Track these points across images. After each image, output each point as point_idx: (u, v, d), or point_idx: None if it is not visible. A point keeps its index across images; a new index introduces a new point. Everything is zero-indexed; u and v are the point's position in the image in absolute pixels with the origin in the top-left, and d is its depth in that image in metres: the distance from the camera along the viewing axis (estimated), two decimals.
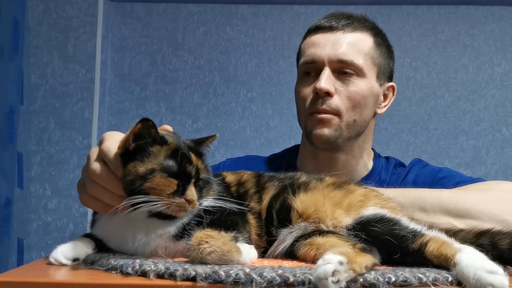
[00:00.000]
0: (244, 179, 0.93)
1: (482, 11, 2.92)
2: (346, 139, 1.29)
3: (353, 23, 1.31)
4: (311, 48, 1.30)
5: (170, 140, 0.79)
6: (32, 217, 2.73)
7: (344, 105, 1.26)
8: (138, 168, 0.74)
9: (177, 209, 0.75)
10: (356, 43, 1.29)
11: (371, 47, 1.31)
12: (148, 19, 2.98)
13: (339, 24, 1.30)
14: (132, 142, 0.76)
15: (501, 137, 2.87)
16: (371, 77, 1.30)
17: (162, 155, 0.76)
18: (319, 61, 1.27)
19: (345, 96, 1.26)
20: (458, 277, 0.67)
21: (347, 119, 1.27)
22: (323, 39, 1.29)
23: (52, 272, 0.72)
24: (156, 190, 0.73)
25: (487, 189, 1.08)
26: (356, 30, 1.30)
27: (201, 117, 2.92)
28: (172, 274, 0.64)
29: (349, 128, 1.28)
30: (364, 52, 1.29)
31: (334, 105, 1.25)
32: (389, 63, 1.37)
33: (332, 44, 1.28)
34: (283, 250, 0.82)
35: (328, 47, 1.27)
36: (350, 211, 0.82)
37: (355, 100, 1.27)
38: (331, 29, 1.30)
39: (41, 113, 2.79)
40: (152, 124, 0.75)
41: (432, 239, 0.74)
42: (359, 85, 1.27)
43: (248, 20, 2.97)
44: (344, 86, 1.26)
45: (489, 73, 2.90)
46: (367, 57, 1.29)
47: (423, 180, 1.29)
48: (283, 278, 0.61)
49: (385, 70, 1.35)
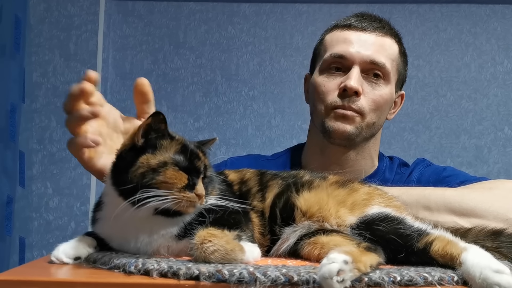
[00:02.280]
0: (247, 177, 0.93)
1: (484, 10, 2.91)
2: (363, 139, 1.30)
3: (384, 28, 1.31)
4: (341, 44, 1.29)
5: (178, 136, 0.79)
6: (34, 215, 2.73)
7: (369, 106, 1.26)
8: (150, 161, 0.74)
9: (187, 204, 0.74)
10: (387, 48, 1.29)
11: (397, 54, 1.32)
12: (149, 18, 2.97)
13: (372, 26, 1.30)
14: (142, 136, 0.76)
15: (503, 136, 2.86)
16: (393, 84, 1.31)
17: (173, 150, 0.76)
18: (350, 58, 1.26)
19: (370, 98, 1.26)
20: (464, 276, 0.66)
21: (368, 120, 1.27)
22: (355, 37, 1.28)
23: (54, 271, 0.72)
24: (167, 184, 0.73)
25: (492, 188, 1.07)
26: (387, 35, 1.31)
27: (202, 115, 2.92)
28: (175, 273, 0.63)
29: (368, 129, 1.28)
30: (392, 58, 1.30)
31: (360, 105, 1.25)
32: (406, 72, 1.40)
33: (366, 44, 1.27)
34: (287, 249, 0.82)
35: (360, 46, 1.27)
36: (354, 210, 0.81)
37: (378, 104, 1.27)
38: (363, 29, 1.29)
39: (42, 112, 2.79)
40: (163, 118, 0.75)
41: (437, 238, 0.73)
42: (384, 90, 1.28)
43: (249, 19, 2.96)
44: (371, 89, 1.27)
45: (492, 72, 2.89)
46: (394, 63, 1.30)
47: (427, 179, 1.29)
48: (287, 277, 0.61)
49: (403, 78, 1.38)
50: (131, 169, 0.74)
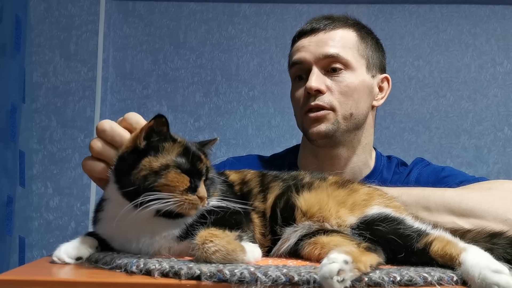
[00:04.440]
0: (248, 178, 0.93)
1: (484, 10, 2.91)
2: (345, 132, 1.30)
3: (333, 22, 1.34)
4: (296, 53, 1.33)
5: (180, 139, 0.79)
6: (34, 215, 2.73)
7: (337, 99, 1.28)
8: (152, 163, 0.74)
9: (189, 207, 0.74)
10: (339, 39, 1.31)
11: (356, 41, 1.33)
12: (150, 18, 2.97)
13: (320, 25, 1.33)
14: (144, 139, 0.76)
15: (503, 136, 2.86)
16: (360, 70, 1.31)
17: (175, 152, 0.77)
18: (306, 61, 1.30)
19: (337, 91, 1.28)
20: (463, 276, 0.67)
21: (342, 113, 1.28)
22: (307, 42, 1.32)
23: (55, 271, 0.72)
24: (169, 186, 0.73)
25: (491, 188, 1.08)
26: (337, 28, 1.33)
27: (202, 115, 2.92)
28: (177, 273, 0.64)
29: (346, 121, 1.29)
30: (349, 46, 1.31)
31: (327, 100, 1.27)
32: (378, 55, 1.38)
33: (316, 43, 1.30)
34: (287, 249, 0.82)
35: (312, 47, 1.30)
36: (354, 210, 0.82)
37: (346, 93, 1.28)
38: (313, 31, 1.33)
39: (43, 112, 2.79)
40: (165, 121, 0.76)
41: (437, 238, 0.74)
42: (349, 79, 1.29)
43: (250, 19, 2.96)
44: (335, 82, 1.28)
45: (491, 72, 2.90)
46: (353, 50, 1.31)
47: (425, 179, 1.29)
48: (288, 277, 0.61)
49: (375, 62, 1.36)
50: (133, 171, 0.74)
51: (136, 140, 0.77)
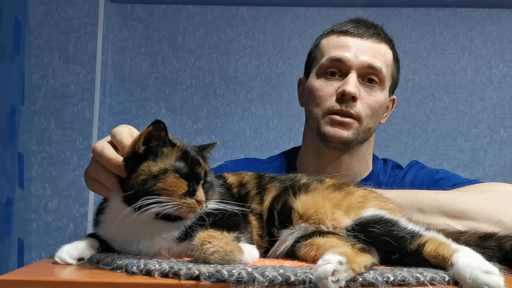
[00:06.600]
0: (246, 180, 0.95)
1: (480, 14, 2.94)
2: (359, 143, 1.32)
3: (380, 34, 1.33)
4: (338, 49, 1.30)
5: (179, 143, 0.81)
6: (33, 217, 2.74)
7: (365, 112, 1.28)
8: (151, 168, 0.76)
9: (187, 210, 0.76)
10: (383, 54, 1.31)
11: (392, 60, 1.34)
12: (148, 21, 2.99)
13: (368, 33, 1.31)
14: (142, 144, 0.77)
15: (499, 139, 2.88)
16: (387, 89, 1.33)
17: (173, 157, 0.78)
18: (348, 62, 1.27)
19: (366, 104, 1.28)
20: (455, 277, 0.68)
21: (365, 125, 1.29)
22: (352, 43, 1.30)
23: (58, 271, 0.74)
24: (168, 190, 0.75)
25: (483, 191, 1.09)
26: (382, 41, 1.33)
27: (201, 118, 2.93)
28: (176, 273, 0.65)
29: (364, 133, 1.30)
30: (387, 64, 1.32)
31: (358, 110, 1.27)
32: (398, 77, 1.42)
33: (362, 49, 1.29)
34: (284, 251, 0.84)
35: (358, 51, 1.28)
36: (349, 212, 0.83)
37: (374, 109, 1.29)
38: (360, 35, 1.31)
39: (41, 114, 2.80)
40: (163, 126, 0.77)
41: (430, 239, 0.75)
42: (379, 95, 1.30)
43: (248, 22, 2.98)
44: (367, 94, 1.28)
45: (487, 75, 2.92)
46: (389, 69, 1.33)
47: (420, 181, 1.31)
48: (285, 277, 0.63)
49: (395, 83, 1.40)
50: (132, 175, 0.76)
51: (135, 146, 0.78)
